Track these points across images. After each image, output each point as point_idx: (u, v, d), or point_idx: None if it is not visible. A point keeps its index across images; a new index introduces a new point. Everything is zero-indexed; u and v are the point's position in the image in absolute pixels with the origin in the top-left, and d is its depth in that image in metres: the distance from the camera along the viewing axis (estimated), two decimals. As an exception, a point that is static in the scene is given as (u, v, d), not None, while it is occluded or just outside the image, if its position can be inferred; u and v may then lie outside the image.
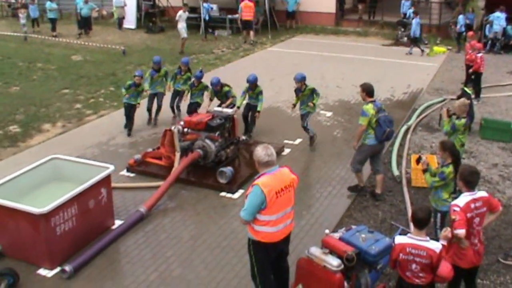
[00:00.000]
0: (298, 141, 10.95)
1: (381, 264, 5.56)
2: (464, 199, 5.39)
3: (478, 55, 13.82)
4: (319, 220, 7.97)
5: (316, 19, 25.02)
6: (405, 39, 21.28)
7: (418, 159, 6.85)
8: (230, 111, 10.20)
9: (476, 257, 5.53)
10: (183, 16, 20.09)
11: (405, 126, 11.82)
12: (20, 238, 6.66)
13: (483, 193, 5.56)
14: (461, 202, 5.35)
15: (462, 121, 7.96)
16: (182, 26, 19.92)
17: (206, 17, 22.97)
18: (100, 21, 26.81)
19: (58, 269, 6.63)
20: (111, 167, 7.51)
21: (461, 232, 5.20)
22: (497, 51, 20.41)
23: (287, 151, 10.46)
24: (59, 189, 7.20)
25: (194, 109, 11.23)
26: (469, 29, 19.35)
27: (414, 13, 20.59)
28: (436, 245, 5.02)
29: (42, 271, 6.64)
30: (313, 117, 10.76)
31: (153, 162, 9.62)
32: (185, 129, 9.57)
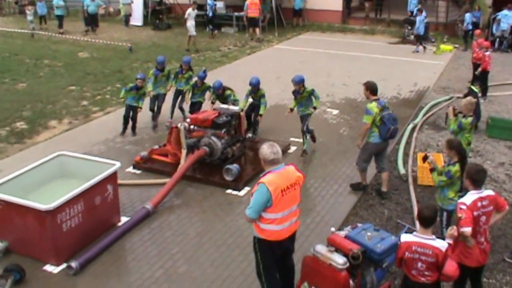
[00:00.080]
0: (304, 139, 10.93)
1: (386, 262, 5.56)
2: (470, 197, 5.37)
3: (486, 54, 13.75)
4: (325, 218, 7.96)
5: (322, 17, 25.01)
6: (412, 37, 21.20)
7: (424, 157, 6.85)
8: (236, 108, 10.19)
9: (482, 256, 5.52)
10: (192, 14, 20.04)
11: (412, 124, 11.79)
12: (26, 234, 6.68)
13: (490, 192, 5.54)
14: (468, 200, 5.34)
15: (468, 119, 7.95)
16: (191, 24, 19.87)
17: (209, 14, 23.00)
18: (106, 18, 26.87)
19: (64, 266, 6.66)
20: (118, 164, 7.53)
21: (467, 230, 5.19)
22: (505, 50, 20.31)
23: (293, 149, 10.44)
24: (65, 185, 7.24)
25: (197, 108, 11.18)
26: (476, 27, 19.26)
27: (418, 11, 20.54)
28: (442, 244, 5.01)
29: (48, 267, 6.67)
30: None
31: (159, 159, 9.64)
32: (192, 126, 9.59)
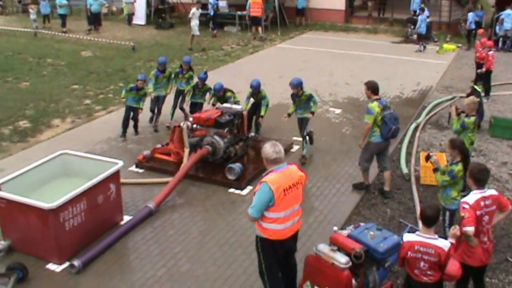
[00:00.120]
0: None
1: (389, 261, 5.55)
2: (473, 196, 5.36)
3: (489, 53, 13.73)
4: (328, 217, 7.96)
5: (325, 16, 24.99)
6: (415, 36, 21.17)
7: (427, 156, 6.84)
8: (239, 107, 10.19)
9: (485, 256, 5.51)
10: (196, 13, 19.94)
11: (414, 123, 11.78)
12: (29, 233, 6.70)
13: (493, 191, 5.53)
14: (471, 199, 5.34)
15: (471, 119, 7.94)
16: (195, 23, 19.78)
17: (211, 13, 22.99)
18: (109, 17, 26.92)
19: (66, 264, 6.67)
20: (120, 163, 7.54)
21: (470, 229, 5.19)
22: (508, 49, 20.25)
23: (295, 148, 10.43)
24: (68, 184, 7.25)
25: (198, 109, 11.11)
26: (479, 27, 19.22)
27: (420, 10, 20.51)
28: (444, 243, 5.01)
29: (51, 266, 6.68)
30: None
31: (162, 158, 9.65)
32: (194, 125, 9.60)
